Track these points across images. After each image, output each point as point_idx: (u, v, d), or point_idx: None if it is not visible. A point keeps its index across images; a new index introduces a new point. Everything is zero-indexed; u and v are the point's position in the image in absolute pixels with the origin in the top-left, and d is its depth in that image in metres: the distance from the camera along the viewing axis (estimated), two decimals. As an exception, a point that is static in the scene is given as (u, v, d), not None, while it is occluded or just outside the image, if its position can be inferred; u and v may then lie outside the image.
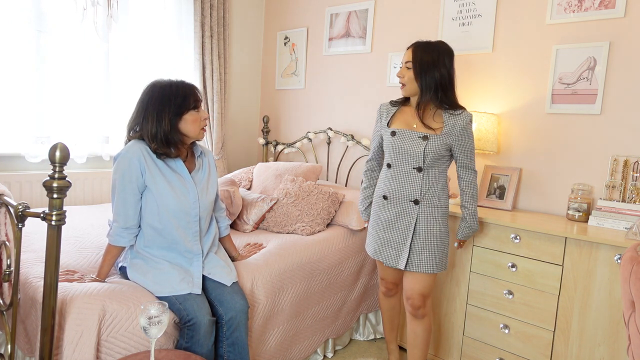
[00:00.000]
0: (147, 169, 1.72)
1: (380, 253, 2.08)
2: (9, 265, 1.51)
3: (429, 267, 1.98)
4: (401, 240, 2.00)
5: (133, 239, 1.77)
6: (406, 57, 1.97)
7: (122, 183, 1.71)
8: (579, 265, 1.98)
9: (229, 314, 1.75)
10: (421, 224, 1.98)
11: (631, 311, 1.28)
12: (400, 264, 2.00)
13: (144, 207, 1.75)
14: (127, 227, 1.73)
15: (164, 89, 1.75)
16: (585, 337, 1.98)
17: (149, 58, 3.12)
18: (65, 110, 2.77)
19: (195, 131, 1.78)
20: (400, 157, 2.00)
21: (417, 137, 1.96)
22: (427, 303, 2.07)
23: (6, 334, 1.58)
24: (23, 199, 2.63)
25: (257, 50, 3.94)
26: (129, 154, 1.71)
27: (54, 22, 2.68)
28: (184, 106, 1.74)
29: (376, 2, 3.17)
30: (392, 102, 2.11)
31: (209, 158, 1.96)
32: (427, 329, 2.10)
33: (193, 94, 1.78)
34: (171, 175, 1.77)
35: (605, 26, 2.28)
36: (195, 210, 1.80)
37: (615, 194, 2.22)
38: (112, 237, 1.74)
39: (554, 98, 2.44)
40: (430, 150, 1.94)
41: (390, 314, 2.34)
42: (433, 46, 1.95)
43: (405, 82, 1.97)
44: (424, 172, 1.97)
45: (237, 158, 3.89)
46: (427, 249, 1.98)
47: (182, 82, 1.79)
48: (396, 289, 2.27)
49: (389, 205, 2.03)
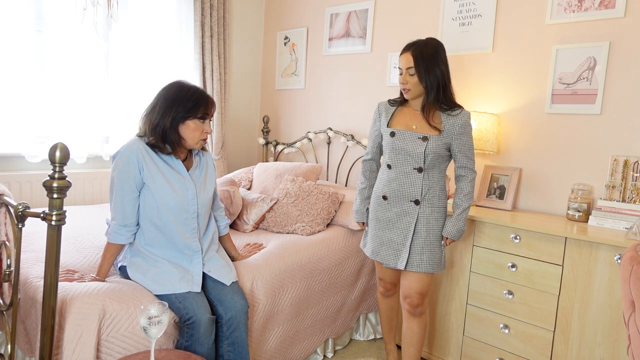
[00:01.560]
0: (145, 166, 1.72)
1: (378, 253, 2.07)
2: (9, 265, 1.51)
3: (429, 266, 1.98)
4: (401, 241, 2.00)
5: (131, 237, 1.77)
6: (405, 62, 1.93)
7: (120, 180, 1.71)
8: (579, 265, 1.98)
9: (228, 313, 1.76)
10: (421, 224, 1.98)
11: (631, 311, 1.28)
12: (399, 265, 2.00)
13: (143, 204, 1.75)
14: (125, 225, 1.74)
15: (182, 89, 1.77)
16: (585, 337, 1.98)
17: (149, 58, 3.12)
18: (65, 110, 2.77)
19: (194, 140, 1.78)
20: (401, 157, 1.99)
21: (416, 138, 1.96)
22: (425, 301, 2.08)
23: (6, 334, 1.58)
24: (23, 199, 2.63)
25: (257, 50, 3.94)
26: (127, 152, 1.72)
27: (54, 22, 2.68)
28: (191, 112, 1.75)
29: (376, 2, 3.17)
30: (390, 102, 2.10)
31: (207, 157, 1.97)
32: (423, 327, 2.12)
33: (205, 105, 1.78)
34: (169, 172, 1.77)
35: (605, 26, 2.28)
36: (194, 207, 1.81)
37: (615, 194, 2.22)
38: (110, 234, 1.74)
39: (554, 98, 2.44)
40: (430, 150, 1.94)
41: (389, 314, 2.34)
42: (428, 44, 1.93)
43: (409, 87, 1.94)
44: (424, 173, 1.97)
45: (237, 158, 3.89)
46: (428, 249, 1.98)
47: (202, 92, 1.80)
48: (394, 289, 2.27)
49: (389, 206, 2.03)
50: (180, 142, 1.79)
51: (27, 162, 2.67)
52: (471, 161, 2.01)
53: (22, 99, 2.60)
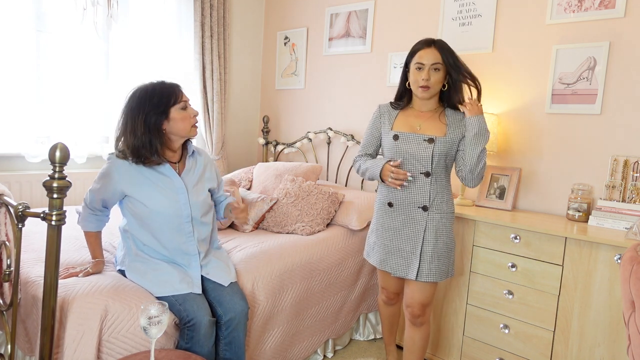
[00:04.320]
0: (128, 179, 1.72)
1: (386, 263, 1.98)
2: (9, 265, 1.51)
3: (437, 276, 1.91)
4: (411, 250, 1.91)
5: (101, 225, 1.82)
6: (432, 57, 1.83)
7: (101, 180, 1.74)
8: (579, 265, 1.98)
9: (228, 315, 1.75)
10: (430, 231, 1.90)
11: (631, 311, 1.28)
12: (410, 274, 1.91)
13: (134, 212, 1.75)
14: (92, 208, 1.77)
15: (141, 92, 1.72)
16: (585, 337, 1.98)
17: (149, 58, 3.12)
18: (65, 110, 2.77)
19: (185, 129, 1.74)
20: (406, 161, 1.90)
21: (422, 140, 1.87)
22: (427, 311, 2.02)
23: (6, 333, 1.58)
24: (23, 199, 2.63)
25: (257, 50, 3.93)
26: (114, 165, 1.73)
27: (54, 22, 2.68)
28: (163, 105, 1.69)
29: (376, 2, 3.17)
30: (393, 105, 2.02)
31: (204, 157, 1.93)
32: (425, 337, 2.06)
33: (171, 92, 1.72)
34: (158, 178, 1.75)
35: (605, 26, 2.28)
36: (187, 211, 1.78)
37: (615, 194, 2.22)
38: (80, 222, 1.80)
39: (554, 98, 2.44)
40: (437, 152, 1.86)
41: (391, 320, 2.29)
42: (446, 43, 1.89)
43: (431, 84, 1.85)
44: (432, 177, 1.89)
45: (237, 158, 3.89)
46: (437, 258, 1.90)
47: (161, 82, 1.75)
48: (397, 298, 2.20)
49: (395, 213, 1.95)
50: (169, 141, 1.76)
51: (27, 162, 2.67)
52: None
53: (22, 99, 2.60)
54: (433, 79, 1.85)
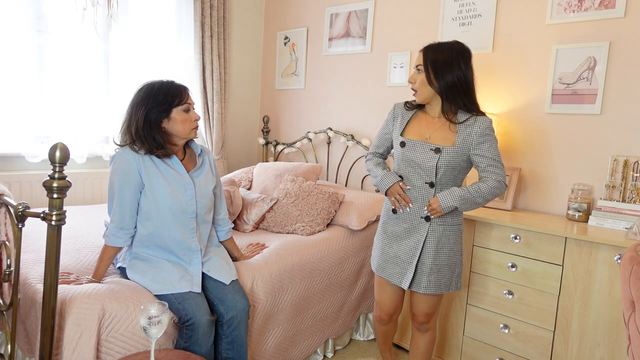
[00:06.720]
0: (143, 167, 1.73)
1: (384, 269, 1.96)
2: (9, 265, 1.51)
3: (437, 288, 1.87)
4: (407, 258, 1.88)
5: (129, 240, 1.77)
6: (417, 60, 1.82)
7: (121, 181, 1.71)
8: (579, 265, 1.98)
9: (230, 313, 1.75)
10: (431, 242, 1.84)
11: (631, 311, 1.28)
12: (404, 284, 1.88)
13: (142, 205, 1.75)
14: (122, 227, 1.74)
15: (148, 87, 1.75)
16: (585, 337, 1.98)
17: (149, 58, 3.12)
18: (65, 110, 2.77)
19: (184, 131, 1.77)
20: (411, 170, 1.85)
21: (428, 150, 1.80)
22: (433, 319, 2.02)
23: (6, 334, 1.58)
24: (23, 199, 2.63)
25: (257, 50, 3.94)
26: (125, 154, 1.72)
27: (54, 22, 2.68)
28: (166, 104, 1.72)
29: (376, 2, 3.17)
30: (407, 105, 1.94)
31: (210, 156, 1.97)
32: (430, 343, 2.07)
33: (176, 93, 1.75)
34: (168, 172, 1.77)
35: (605, 26, 2.28)
36: (192, 207, 1.80)
37: (615, 194, 2.22)
38: (108, 237, 1.74)
39: (554, 98, 2.44)
40: (443, 163, 1.78)
41: (385, 336, 2.22)
42: (446, 46, 1.80)
43: (416, 87, 1.82)
44: (436, 188, 1.82)
45: (237, 158, 3.89)
46: (437, 270, 1.85)
47: (170, 82, 1.78)
48: (390, 319, 2.09)
49: (398, 220, 1.91)
50: (170, 139, 1.78)
51: (27, 162, 2.68)
52: (498, 169, 1.79)
53: (22, 99, 2.60)
54: (417, 80, 1.81)
